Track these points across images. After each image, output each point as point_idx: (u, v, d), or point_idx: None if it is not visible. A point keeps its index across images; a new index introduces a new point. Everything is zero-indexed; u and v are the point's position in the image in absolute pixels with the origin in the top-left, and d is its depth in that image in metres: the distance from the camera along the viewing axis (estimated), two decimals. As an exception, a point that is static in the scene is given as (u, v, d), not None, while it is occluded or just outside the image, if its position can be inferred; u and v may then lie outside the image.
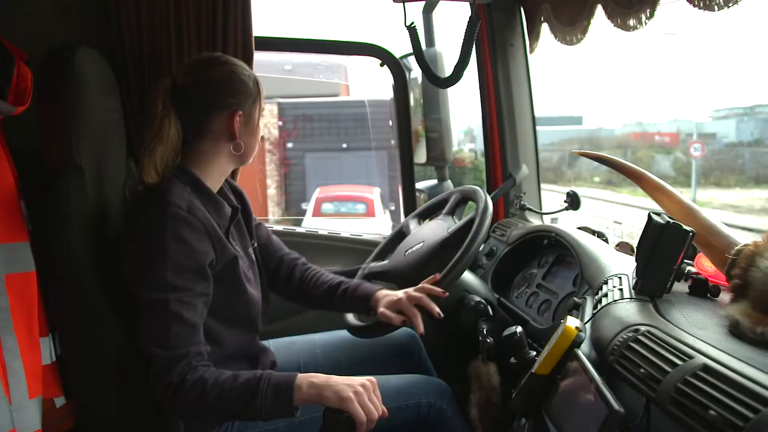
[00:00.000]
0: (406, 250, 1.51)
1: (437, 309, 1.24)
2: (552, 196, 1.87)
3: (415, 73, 2.05)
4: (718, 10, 1.08)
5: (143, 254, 1.07)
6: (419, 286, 1.28)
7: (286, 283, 1.42)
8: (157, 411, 1.13)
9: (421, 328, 1.24)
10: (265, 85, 1.24)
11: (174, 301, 1.04)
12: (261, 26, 1.59)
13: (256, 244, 1.34)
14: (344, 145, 10.50)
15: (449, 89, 1.95)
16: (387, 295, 1.29)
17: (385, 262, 1.57)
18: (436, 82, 1.70)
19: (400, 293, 1.27)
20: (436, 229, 1.52)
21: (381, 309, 1.26)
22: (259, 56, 1.56)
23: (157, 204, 1.08)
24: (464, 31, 1.53)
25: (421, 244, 1.49)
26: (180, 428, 1.16)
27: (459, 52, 1.53)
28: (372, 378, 1.03)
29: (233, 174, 1.48)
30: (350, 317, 1.44)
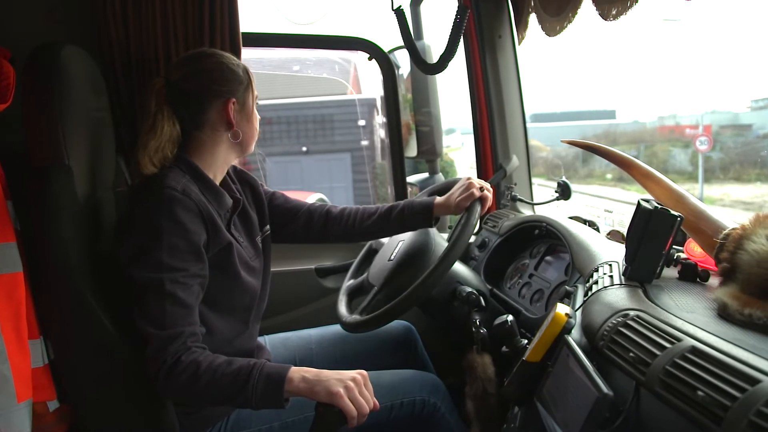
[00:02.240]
0: (389, 258, 1.48)
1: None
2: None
3: (402, 70, 2.05)
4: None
5: (139, 236, 1.08)
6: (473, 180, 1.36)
7: (324, 228, 1.42)
8: (151, 412, 1.12)
9: (488, 205, 1.36)
10: (271, 87, 1.24)
11: (169, 281, 1.04)
12: (249, 22, 1.59)
13: (269, 231, 1.35)
14: (304, 149, 10.34)
15: (443, 85, 1.95)
16: (448, 195, 1.37)
17: (365, 276, 1.54)
18: (423, 67, 1.69)
19: (464, 180, 1.37)
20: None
21: (454, 202, 1.34)
22: (267, 56, 1.55)
23: (153, 188, 1.09)
24: (453, 20, 1.52)
25: (402, 242, 1.47)
26: (176, 428, 1.16)
27: (446, 42, 1.52)
28: (363, 371, 1.03)
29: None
30: (343, 313, 1.41)
